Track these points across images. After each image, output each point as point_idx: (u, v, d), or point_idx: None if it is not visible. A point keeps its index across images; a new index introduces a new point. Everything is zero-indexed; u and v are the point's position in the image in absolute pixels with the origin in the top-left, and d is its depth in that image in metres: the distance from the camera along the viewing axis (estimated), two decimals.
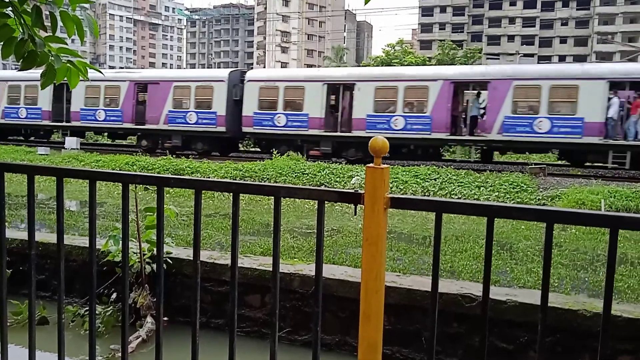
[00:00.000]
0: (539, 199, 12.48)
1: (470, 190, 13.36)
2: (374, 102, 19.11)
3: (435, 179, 14.34)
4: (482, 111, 18.75)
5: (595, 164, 18.39)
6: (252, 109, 20.75)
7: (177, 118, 21.91)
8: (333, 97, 20.46)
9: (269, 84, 20.88)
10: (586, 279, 5.73)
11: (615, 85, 16.96)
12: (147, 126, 22.56)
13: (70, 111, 24.08)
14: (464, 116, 19.07)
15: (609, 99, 16.80)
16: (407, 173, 14.81)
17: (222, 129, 21.32)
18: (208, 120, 21.48)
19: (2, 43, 2.27)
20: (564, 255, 6.84)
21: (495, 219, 1.70)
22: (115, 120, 23.18)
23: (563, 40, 78.42)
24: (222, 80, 21.48)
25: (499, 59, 51.14)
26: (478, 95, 19.07)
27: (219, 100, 21.27)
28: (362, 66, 51.67)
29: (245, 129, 21.07)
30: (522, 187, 13.32)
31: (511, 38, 78.56)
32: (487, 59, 53.32)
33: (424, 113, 18.48)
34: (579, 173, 17.87)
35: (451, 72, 20.22)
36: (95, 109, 23.43)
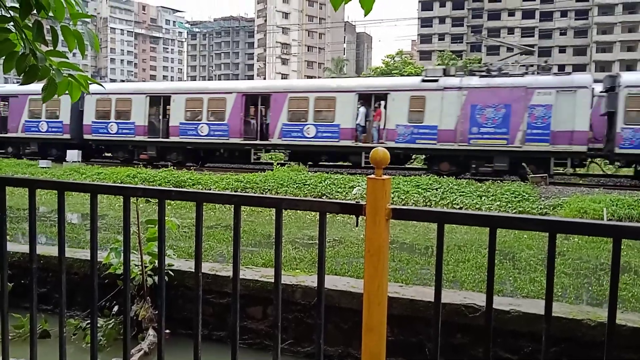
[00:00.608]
0: (541, 208, 12.46)
1: (472, 200, 13.34)
2: (185, 112, 22.19)
3: (436, 189, 14.33)
4: None
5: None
6: (90, 118, 24.07)
7: (32, 127, 25.23)
8: (157, 107, 23.64)
9: (103, 96, 23.66)
10: (590, 287, 5.70)
11: (363, 97, 20.18)
12: (8, 134, 25.80)
13: None
14: (254, 123, 22.17)
15: (358, 108, 19.99)
16: (409, 183, 14.81)
17: (68, 136, 24.54)
18: (56, 128, 24.80)
19: (3, 58, 2.28)
20: (567, 264, 6.81)
21: (498, 228, 1.70)
22: None
23: (562, 49, 78.74)
24: (67, 93, 24.58)
25: None
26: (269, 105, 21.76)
27: (65, 111, 24.37)
28: (363, 77, 51.89)
29: (86, 136, 24.23)
30: (524, 196, 13.30)
31: (510, 48, 78.85)
32: None
33: (223, 121, 21.62)
34: (581, 182, 17.89)
35: (243, 86, 23.67)
36: None
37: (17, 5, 2.16)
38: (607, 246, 7.65)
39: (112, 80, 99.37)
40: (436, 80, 18.98)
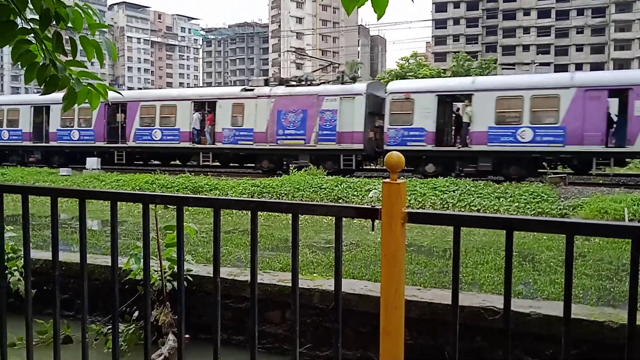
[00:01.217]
0: (560, 209, 12.31)
1: (490, 202, 13.23)
2: (60, 120, 25.75)
3: (453, 191, 14.24)
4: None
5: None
6: None
7: None
8: (40, 116, 26.75)
9: None
10: (612, 289, 5.62)
11: (198, 104, 23.70)
12: None
13: None
14: (116, 128, 25.22)
15: (193, 114, 23.25)
16: (425, 185, 14.74)
17: None
18: None
19: (25, 68, 2.34)
20: (588, 265, 6.73)
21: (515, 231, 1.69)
22: None
23: (579, 48, 77.74)
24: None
25: (514, 69, 50.79)
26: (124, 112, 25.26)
27: None
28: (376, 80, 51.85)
29: None
30: (543, 197, 13.15)
31: (526, 48, 78.11)
32: (503, 69, 53.06)
33: (90, 127, 25.18)
34: (601, 181, 17.63)
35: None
36: None
37: (37, 17, 2.21)
38: (629, 246, 7.53)
39: (130, 88, 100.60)
40: (252, 90, 22.53)
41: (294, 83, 22.55)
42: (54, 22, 2.23)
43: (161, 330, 4.91)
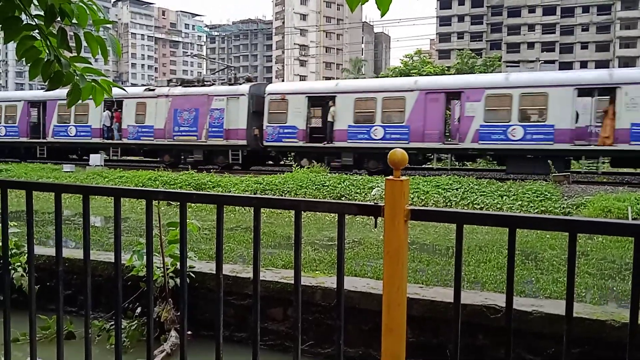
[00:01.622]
0: (563, 207, 12.27)
1: (493, 200, 13.20)
2: None
3: (457, 189, 14.21)
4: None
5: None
6: None
7: None
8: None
9: None
10: (614, 288, 5.61)
11: (107, 103, 24.78)
12: None
13: None
14: (38, 125, 27.29)
15: (103, 112, 24.93)
16: (428, 183, 14.72)
17: None
18: None
19: (29, 64, 2.34)
20: (590, 264, 6.71)
21: (518, 229, 1.69)
22: None
23: (584, 45, 77.39)
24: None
25: (519, 66, 50.64)
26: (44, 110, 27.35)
27: None
28: (381, 77, 51.79)
29: None
30: (546, 195, 13.11)
31: (531, 45, 77.78)
32: (507, 66, 52.87)
33: (15, 124, 27.56)
34: (605, 180, 17.58)
35: (29, 95, 30.18)
36: None
37: (41, 13, 2.21)
38: (632, 245, 7.50)
39: (134, 85, 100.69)
40: (153, 90, 24.56)
41: (195, 83, 24.50)
42: (59, 18, 2.24)
43: (163, 327, 4.93)
